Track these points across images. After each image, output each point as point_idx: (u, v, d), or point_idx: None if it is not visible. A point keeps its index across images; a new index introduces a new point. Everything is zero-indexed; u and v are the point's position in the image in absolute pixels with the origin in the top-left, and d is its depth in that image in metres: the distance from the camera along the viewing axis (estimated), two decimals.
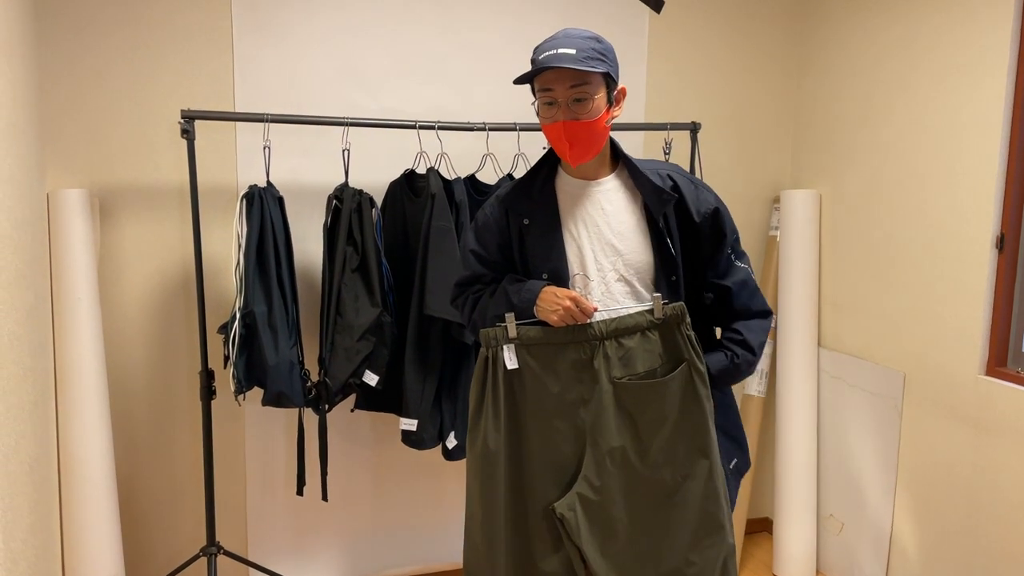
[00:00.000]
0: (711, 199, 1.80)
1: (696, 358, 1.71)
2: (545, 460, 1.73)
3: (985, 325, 2.39)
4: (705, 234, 1.79)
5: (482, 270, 1.86)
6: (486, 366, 1.75)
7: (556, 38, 1.63)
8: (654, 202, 1.73)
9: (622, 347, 1.70)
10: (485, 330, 1.74)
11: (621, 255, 1.74)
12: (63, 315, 2.30)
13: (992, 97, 2.34)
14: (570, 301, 1.66)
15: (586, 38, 1.62)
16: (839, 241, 2.99)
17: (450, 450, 2.54)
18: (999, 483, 2.34)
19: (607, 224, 1.74)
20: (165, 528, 2.68)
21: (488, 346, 1.74)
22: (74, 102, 2.42)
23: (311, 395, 2.44)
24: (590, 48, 1.61)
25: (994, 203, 2.34)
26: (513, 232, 1.80)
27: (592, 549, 1.71)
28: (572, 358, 1.70)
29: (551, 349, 1.71)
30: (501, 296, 1.78)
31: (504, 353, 1.71)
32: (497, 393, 1.74)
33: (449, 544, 3.03)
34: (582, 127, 1.64)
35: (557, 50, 1.59)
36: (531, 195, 1.78)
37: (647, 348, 1.71)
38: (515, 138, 2.70)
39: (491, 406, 1.75)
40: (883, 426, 2.77)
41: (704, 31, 3.07)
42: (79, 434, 2.32)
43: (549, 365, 1.71)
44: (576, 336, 1.70)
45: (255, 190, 2.35)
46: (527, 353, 1.72)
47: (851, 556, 2.94)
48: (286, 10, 2.58)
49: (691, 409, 1.72)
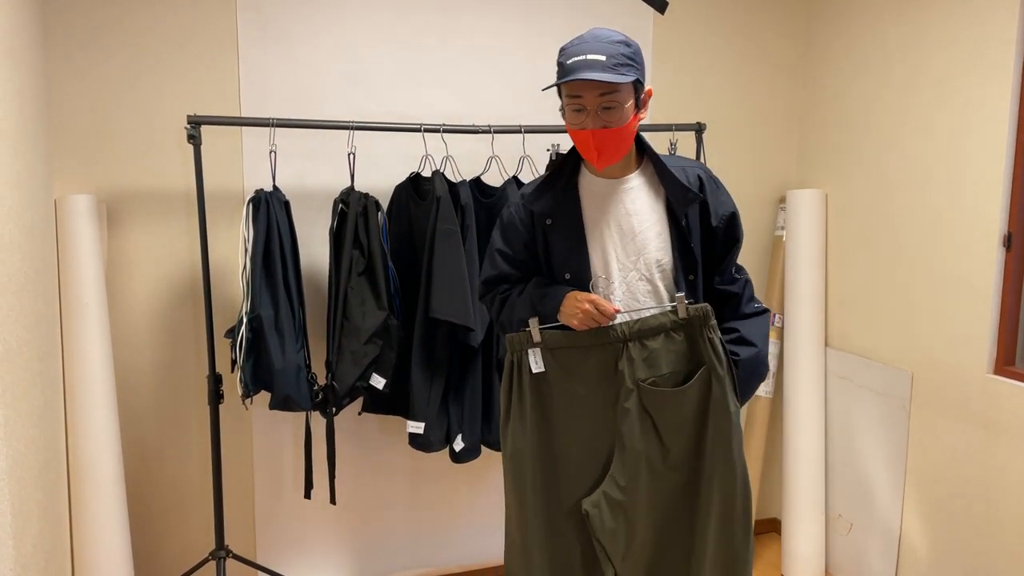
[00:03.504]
0: (729, 203, 1.80)
1: (717, 362, 1.70)
2: (574, 459, 1.75)
3: (993, 324, 2.38)
4: (719, 238, 1.79)
5: (509, 269, 1.86)
6: (512, 370, 1.78)
7: (585, 41, 1.60)
8: (679, 201, 1.73)
9: (646, 348, 1.70)
10: (510, 335, 1.76)
11: (643, 254, 1.74)
12: (71, 320, 2.31)
13: (998, 96, 2.33)
14: (589, 304, 1.66)
15: (616, 42, 1.60)
16: (845, 241, 2.98)
17: (457, 453, 2.54)
18: (1008, 482, 2.33)
19: (630, 224, 1.74)
20: (174, 532, 2.69)
21: (513, 351, 1.77)
22: (81, 108, 2.43)
23: (318, 399, 2.45)
24: (619, 54, 1.58)
25: (1001, 201, 2.33)
26: (537, 231, 1.80)
27: (614, 546, 1.73)
28: (597, 361, 1.72)
29: (576, 352, 1.73)
30: (527, 301, 1.79)
31: (529, 357, 1.74)
32: (523, 396, 1.76)
33: (458, 547, 3.03)
34: (611, 134, 1.64)
35: (586, 56, 1.57)
36: (554, 195, 1.77)
37: (672, 349, 1.71)
38: (520, 140, 2.70)
39: (518, 409, 1.77)
40: (891, 426, 2.76)
41: (708, 31, 3.07)
42: (88, 439, 2.33)
43: (574, 368, 1.73)
44: (600, 339, 1.71)
45: (261, 194, 2.35)
46: (552, 357, 1.74)
47: (860, 556, 2.93)
48: (291, 15, 2.59)
49: (711, 415, 1.72)
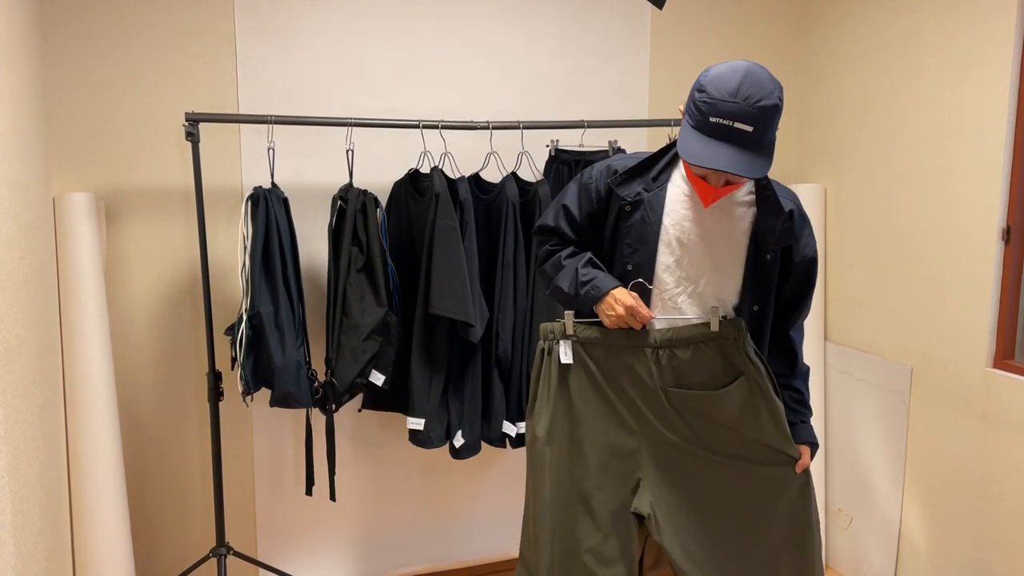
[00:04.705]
0: (813, 246, 1.76)
1: (756, 372, 1.69)
2: (599, 454, 1.75)
3: (992, 318, 2.38)
4: (793, 278, 1.76)
5: (566, 229, 1.84)
6: (542, 357, 1.79)
7: (736, 99, 1.47)
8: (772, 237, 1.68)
9: (675, 357, 1.70)
10: (544, 324, 1.78)
11: (709, 274, 1.70)
12: (71, 318, 2.31)
13: (997, 90, 2.33)
14: (624, 309, 1.66)
15: (770, 106, 1.47)
16: (845, 235, 2.98)
17: (457, 449, 2.54)
18: (1007, 475, 2.33)
19: (708, 241, 1.69)
20: (175, 529, 2.69)
21: (545, 339, 1.78)
22: (79, 106, 2.43)
23: (318, 395, 2.45)
24: (770, 120, 1.48)
25: (1000, 195, 2.33)
26: (612, 210, 1.76)
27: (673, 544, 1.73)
28: (626, 362, 1.72)
29: (606, 350, 1.74)
30: (571, 276, 1.77)
31: (560, 347, 1.75)
32: (550, 385, 1.78)
33: (458, 543, 3.03)
34: (729, 189, 1.62)
35: (734, 123, 1.47)
36: (643, 184, 1.73)
37: (702, 361, 1.70)
38: (519, 136, 2.70)
39: (544, 397, 1.78)
40: (891, 420, 2.76)
41: (707, 26, 3.07)
42: (88, 437, 2.33)
43: (604, 365, 1.74)
44: (631, 341, 1.71)
45: (260, 191, 2.35)
46: (583, 350, 1.75)
47: (860, 550, 2.93)
48: (288, 11, 2.59)
49: (751, 423, 1.71)
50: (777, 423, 1.71)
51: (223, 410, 2.66)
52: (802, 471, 1.75)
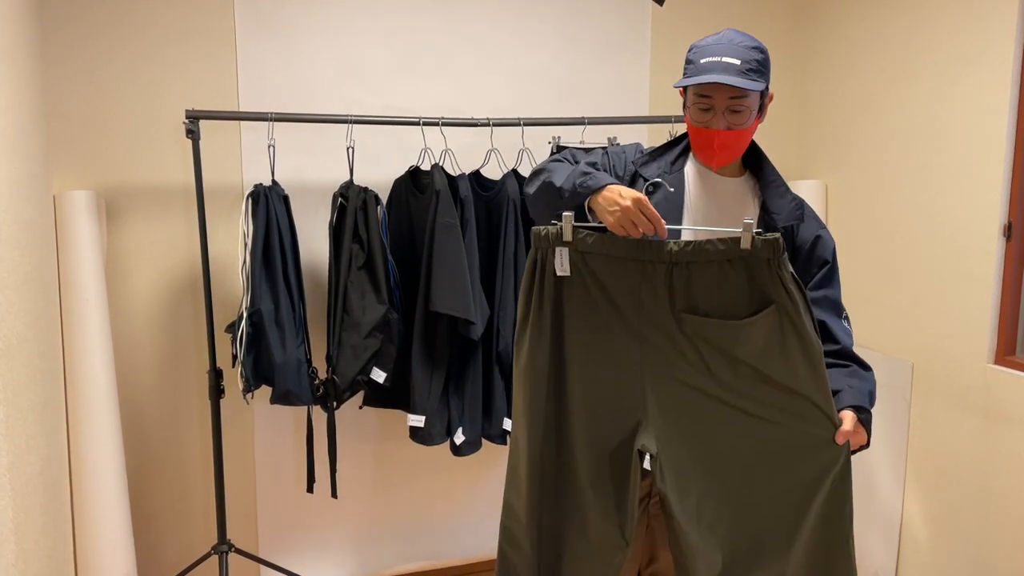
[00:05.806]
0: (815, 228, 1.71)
1: (790, 302, 1.40)
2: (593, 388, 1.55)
3: (993, 314, 2.38)
4: (802, 259, 1.69)
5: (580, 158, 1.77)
6: (534, 270, 1.53)
7: (720, 43, 1.60)
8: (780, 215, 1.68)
9: (693, 277, 1.45)
10: (536, 228, 1.50)
11: None
12: (71, 316, 2.32)
13: (998, 86, 2.32)
14: (632, 203, 1.43)
15: (750, 48, 1.59)
16: (846, 231, 2.98)
17: (458, 446, 2.54)
18: (1008, 471, 2.33)
19: (725, 222, 1.70)
20: (176, 527, 2.69)
21: (538, 246, 1.50)
22: (79, 104, 2.43)
23: (319, 393, 2.45)
24: (753, 60, 1.58)
25: (1001, 191, 2.33)
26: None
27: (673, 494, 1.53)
28: (632, 278, 1.47)
29: (610, 262, 1.47)
30: (569, 170, 1.61)
31: (556, 257, 1.48)
32: (543, 303, 1.52)
33: (459, 539, 3.04)
34: (734, 136, 1.63)
35: (721, 58, 1.57)
36: (662, 167, 1.74)
37: (727, 283, 1.44)
38: (519, 133, 2.69)
39: (536, 317, 1.54)
40: (892, 416, 2.76)
41: (707, 22, 3.06)
42: (89, 434, 2.33)
43: (605, 280, 1.50)
44: (641, 253, 1.45)
45: (260, 189, 2.35)
46: (582, 261, 1.48)
47: (862, 546, 2.93)
48: (288, 9, 2.58)
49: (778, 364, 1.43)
50: (813, 366, 1.42)
51: (224, 407, 2.66)
52: (843, 443, 1.47)
